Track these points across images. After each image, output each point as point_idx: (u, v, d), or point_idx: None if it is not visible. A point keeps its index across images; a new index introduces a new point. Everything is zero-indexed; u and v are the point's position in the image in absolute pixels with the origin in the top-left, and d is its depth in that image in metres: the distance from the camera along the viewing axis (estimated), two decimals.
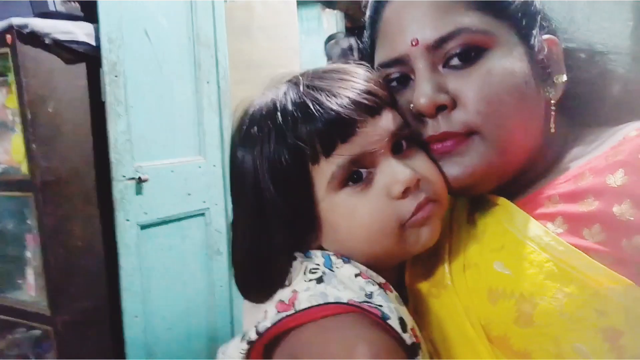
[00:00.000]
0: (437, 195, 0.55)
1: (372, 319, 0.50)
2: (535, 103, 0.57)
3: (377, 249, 0.55)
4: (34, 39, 1.39)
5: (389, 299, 0.52)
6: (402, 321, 0.51)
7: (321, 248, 0.57)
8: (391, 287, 0.56)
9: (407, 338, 0.50)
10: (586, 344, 0.48)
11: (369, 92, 0.54)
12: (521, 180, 0.59)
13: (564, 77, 0.58)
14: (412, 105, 0.56)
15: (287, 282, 0.56)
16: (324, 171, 0.52)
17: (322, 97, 0.52)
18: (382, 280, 0.55)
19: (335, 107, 0.51)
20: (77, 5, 1.50)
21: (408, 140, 0.56)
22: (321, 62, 3.18)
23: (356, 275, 0.54)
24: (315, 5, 3.18)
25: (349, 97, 0.52)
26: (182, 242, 1.76)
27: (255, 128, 0.54)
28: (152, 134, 1.67)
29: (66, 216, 1.49)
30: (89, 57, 1.53)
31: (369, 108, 0.53)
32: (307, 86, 0.54)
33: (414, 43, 0.56)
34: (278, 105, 0.53)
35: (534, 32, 0.57)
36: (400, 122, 0.55)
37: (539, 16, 0.59)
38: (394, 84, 0.59)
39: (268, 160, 0.53)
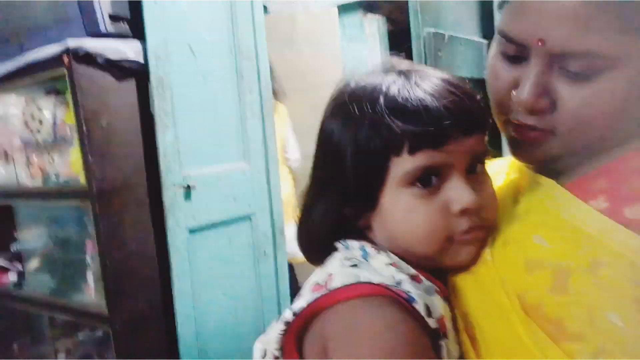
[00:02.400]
0: (489, 222, 0.60)
1: (400, 302, 0.53)
2: (629, 115, 0.56)
3: (419, 250, 0.59)
4: (88, 59, 1.51)
5: (417, 288, 0.56)
6: (427, 308, 0.54)
7: (369, 227, 0.62)
8: (422, 278, 0.59)
9: (432, 323, 0.54)
10: (620, 313, 0.48)
11: (471, 113, 0.56)
12: (577, 163, 0.61)
13: None
14: (514, 91, 0.58)
15: (324, 264, 0.61)
16: (402, 165, 0.56)
17: (428, 100, 0.54)
18: (413, 272, 0.59)
19: (437, 114, 0.54)
20: (126, 25, 1.61)
21: (482, 164, 0.60)
22: (364, 68, 3.20)
23: (388, 265, 0.58)
24: (356, 11, 3.20)
25: (452, 111, 0.54)
26: (229, 245, 1.83)
27: (355, 105, 0.57)
28: (199, 143, 1.75)
29: (121, 222, 1.59)
30: (137, 73, 1.63)
31: (466, 128, 0.56)
32: (417, 84, 0.56)
33: (540, 44, 0.54)
34: (384, 89, 0.56)
35: None
36: (484, 148, 0.59)
37: None
38: (509, 54, 0.59)
39: (357, 138, 0.56)
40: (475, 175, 0.58)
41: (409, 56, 1.22)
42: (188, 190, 1.69)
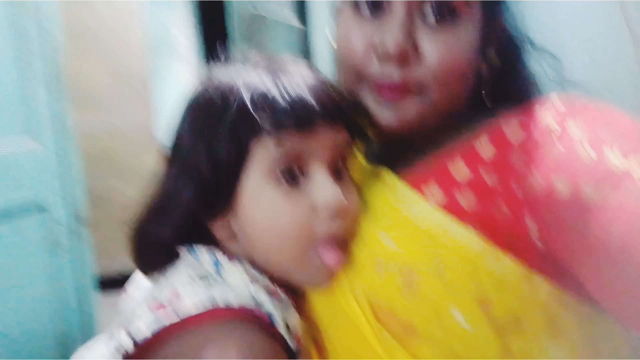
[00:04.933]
0: (352, 232, 0.55)
1: (260, 324, 0.48)
2: (473, 73, 0.60)
3: (280, 257, 0.53)
4: None
5: (276, 306, 0.51)
6: (287, 327, 0.51)
7: (232, 235, 0.54)
8: (280, 293, 0.54)
9: (292, 343, 0.50)
10: (462, 310, 0.50)
11: (335, 102, 0.54)
12: (419, 148, 0.62)
13: (495, 56, 0.62)
14: (377, 42, 0.56)
15: (165, 276, 0.53)
16: (263, 149, 0.51)
17: (290, 85, 0.52)
18: (271, 286, 0.53)
19: (302, 97, 0.51)
20: None
21: (347, 170, 0.57)
22: (170, 34, 2.99)
23: (245, 280, 0.52)
24: None
25: (317, 96, 0.52)
26: (15, 239, 1.54)
27: (213, 94, 0.52)
28: None
29: None
30: None
31: (330, 114, 0.53)
32: (280, 71, 0.53)
33: None
34: (244, 79, 0.52)
35: (495, 12, 0.61)
36: (348, 143, 0.56)
37: (503, 2, 0.62)
38: (365, 11, 0.58)
39: (216, 125, 0.51)
40: (341, 182, 0.55)
41: (225, 34, 1.13)
42: None
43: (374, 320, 0.53)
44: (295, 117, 0.50)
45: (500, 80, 0.64)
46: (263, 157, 0.51)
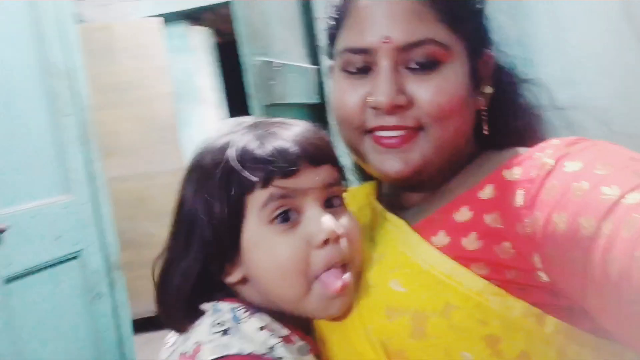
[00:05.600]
0: (352, 256, 0.58)
1: None
2: (470, 109, 0.62)
3: (285, 294, 0.57)
4: None
5: (288, 352, 0.55)
6: None
7: (244, 280, 0.59)
8: (295, 338, 0.58)
9: None
10: (471, 352, 0.52)
11: (317, 146, 0.58)
12: (427, 199, 0.64)
13: (490, 89, 0.64)
14: (369, 98, 0.59)
15: (190, 330, 0.57)
16: (257, 200, 0.55)
17: (273, 139, 0.56)
18: (285, 332, 0.57)
19: (284, 147, 0.55)
20: None
21: (340, 199, 0.61)
22: (193, 80, 3.11)
23: (260, 329, 0.56)
24: (180, 22, 3.10)
25: (299, 144, 0.56)
26: (56, 290, 1.63)
27: (205, 163, 0.58)
28: (7, 177, 1.52)
29: None
30: None
31: (313, 157, 0.57)
32: (266, 129, 0.58)
33: (385, 40, 0.58)
34: (233, 141, 0.57)
35: (480, 49, 0.63)
36: (338, 181, 0.59)
37: (487, 36, 0.65)
38: (354, 70, 0.61)
39: (211, 190, 0.56)
40: (333, 209, 0.59)
41: (242, 83, 1.21)
42: None
43: None
44: (279, 167, 0.54)
45: (500, 112, 0.65)
46: (258, 207, 0.56)
